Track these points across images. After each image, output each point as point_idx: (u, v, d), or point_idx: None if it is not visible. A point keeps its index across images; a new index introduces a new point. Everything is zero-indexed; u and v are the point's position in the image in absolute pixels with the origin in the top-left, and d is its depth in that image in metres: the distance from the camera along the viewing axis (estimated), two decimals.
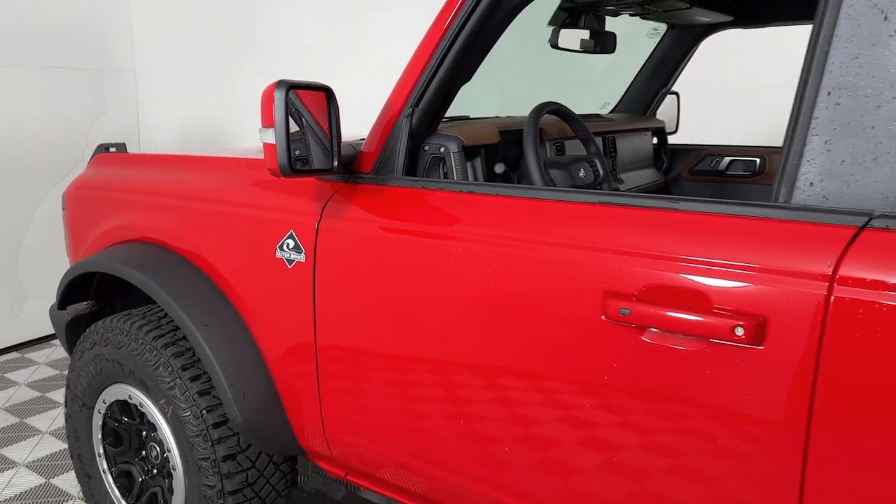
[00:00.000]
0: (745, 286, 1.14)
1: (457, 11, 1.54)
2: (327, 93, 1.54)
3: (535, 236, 1.39)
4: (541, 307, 1.35)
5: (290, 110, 1.49)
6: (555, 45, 2.16)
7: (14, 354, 4.19)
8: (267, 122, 1.41)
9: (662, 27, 2.68)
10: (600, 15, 2.20)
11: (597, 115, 2.61)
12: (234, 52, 4.55)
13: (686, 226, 1.24)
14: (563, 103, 2.13)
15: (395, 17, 4.07)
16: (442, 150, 1.68)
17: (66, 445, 3.10)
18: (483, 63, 1.65)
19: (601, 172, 2.06)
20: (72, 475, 2.87)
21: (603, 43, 2.21)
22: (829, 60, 1.14)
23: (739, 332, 1.13)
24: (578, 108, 2.81)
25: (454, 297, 1.47)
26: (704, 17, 2.43)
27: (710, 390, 1.18)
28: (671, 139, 2.97)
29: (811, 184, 1.15)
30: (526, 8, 1.63)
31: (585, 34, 2.18)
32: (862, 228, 1.09)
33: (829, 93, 1.13)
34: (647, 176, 2.73)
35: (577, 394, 1.34)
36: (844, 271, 1.07)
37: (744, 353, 1.14)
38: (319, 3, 4.35)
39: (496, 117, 2.22)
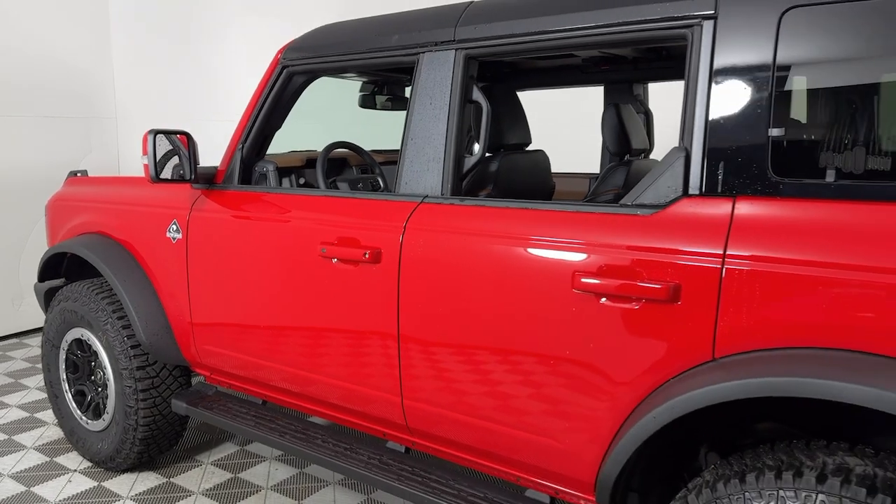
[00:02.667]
0: (372, 233, 2.23)
1: (262, 89, 2.68)
2: (187, 135, 2.66)
3: (297, 214, 2.49)
4: (293, 250, 2.44)
5: (173, 143, 2.64)
6: (362, 106, 3.29)
7: (14, 340, 5.32)
8: (144, 152, 2.54)
9: None
10: (396, 84, 3.34)
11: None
12: (201, 101, 5.70)
13: (354, 206, 2.34)
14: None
15: None
16: (265, 169, 2.80)
17: (46, 395, 4.18)
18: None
19: (381, 186, 3.18)
20: (49, 413, 3.94)
21: (399, 104, 3.34)
22: (412, 122, 2.25)
23: (366, 255, 2.22)
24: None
25: (260, 251, 2.56)
26: (490, 83, 3.56)
27: (359, 291, 2.27)
28: None
29: (406, 183, 2.26)
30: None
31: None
32: (419, 203, 2.19)
33: (412, 138, 2.25)
34: None
35: (310, 298, 2.42)
36: (409, 224, 2.17)
37: (373, 268, 2.23)
38: None
39: (310, 150, 3.34)
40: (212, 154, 3.04)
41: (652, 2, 1.81)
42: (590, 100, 3.64)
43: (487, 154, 2.44)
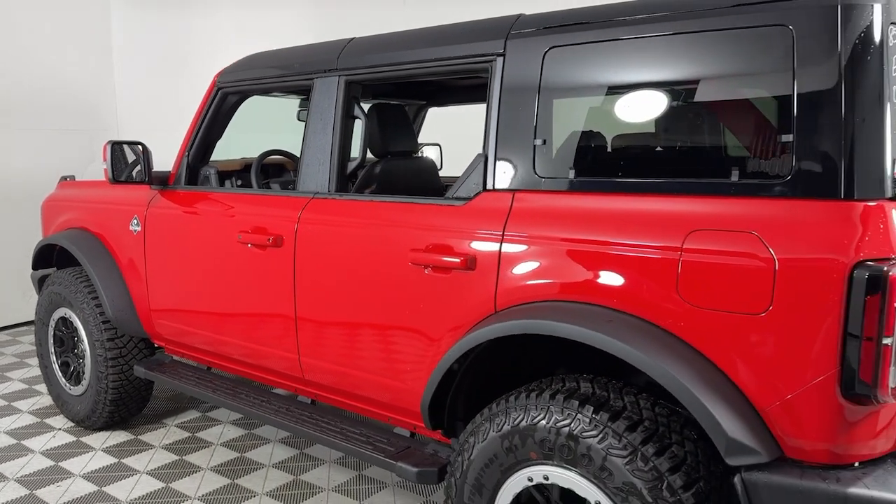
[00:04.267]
0: (276, 221, 2.79)
1: (202, 107, 3.26)
2: (142, 145, 3.25)
3: (226, 208, 3.06)
4: (220, 238, 3.01)
5: (135, 151, 3.23)
6: (300, 119, 3.86)
7: (24, 328, 5.98)
8: (104, 159, 3.13)
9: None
10: None
11: None
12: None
13: (267, 201, 2.90)
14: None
15: None
16: (207, 172, 3.37)
17: None
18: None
19: None
20: (45, 387, 4.55)
21: None
22: (308, 133, 2.80)
23: (270, 241, 2.77)
24: None
25: (197, 239, 3.13)
26: (415, 100, 4.12)
27: (266, 269, 2.82)
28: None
29: (303, 182, 2.81)
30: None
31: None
32: (311, 199, 2.74)
33: (307, 146, 2.80)
34: None
35: (232, 277, 2.98)
36: (302, 215, 2.72)
37: (276, 250, 2.78)
38: None
39: (249, 157, 3.92)
40: None
41: (464, 42, 2.35)
42: None
43: (376, 159, 2.99)
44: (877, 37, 1.70)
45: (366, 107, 2.96)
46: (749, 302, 1.71)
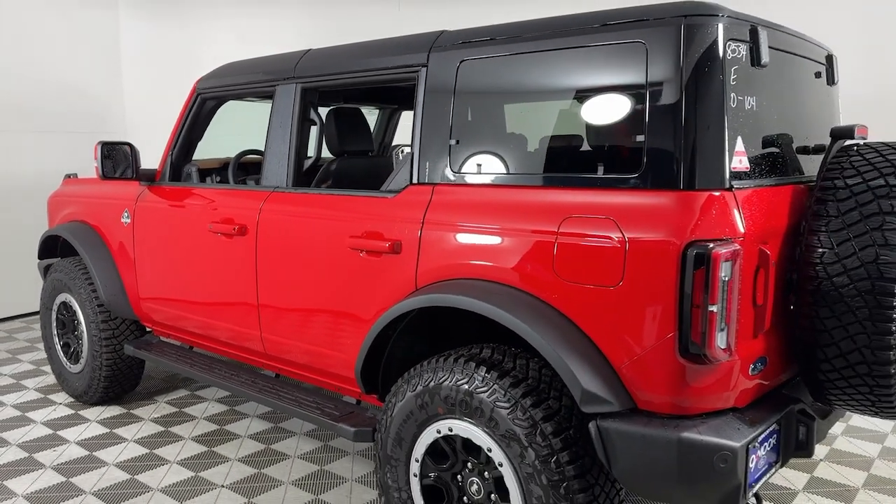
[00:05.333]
0: (241, 212, 3.14)
1: (184, 111, 3.62)
2: (130, 145, 3.62)
3: (201, 202, 3.42)
4: (195, 228, 3.37)
5: (122, 151, 3.60)
6: None
7: (37, 316, 6.41)
8: (95, 157, 3.51)
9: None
10: None
11: None
12: None
13: (236, 195, 3.25)
14: None
15: None
16: (189, 170, 3.74)
17: None
18: None
19: None
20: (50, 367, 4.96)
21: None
22: (269, 134, 3.15)
23: (235, 230, 3.12)
24: None
25: (177, 229, 3.49)
26: (388, 104, 4.46)
27: (233, 255, 3.17)
28: None
29: (266, 177, 3.15)
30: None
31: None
32: (271, 192, 3.08)
33: (269, 146, 3.14)
34: None
35: (204, 263, 3.34)
36: (264, 206, 3.07)
37: (241, 238, 3.13)
38: None
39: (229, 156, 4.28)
40: None
41: (397, 54, 2.69)
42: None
43: (333, 157, 3.33)
44: (717, 51, 2.00)
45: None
46: (606, 276, 2.02)
